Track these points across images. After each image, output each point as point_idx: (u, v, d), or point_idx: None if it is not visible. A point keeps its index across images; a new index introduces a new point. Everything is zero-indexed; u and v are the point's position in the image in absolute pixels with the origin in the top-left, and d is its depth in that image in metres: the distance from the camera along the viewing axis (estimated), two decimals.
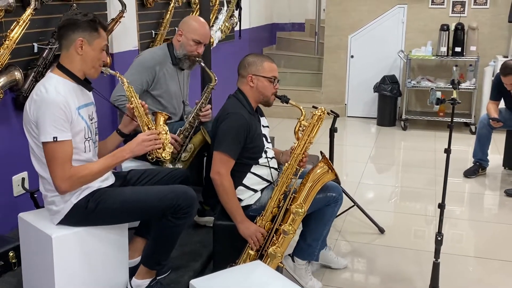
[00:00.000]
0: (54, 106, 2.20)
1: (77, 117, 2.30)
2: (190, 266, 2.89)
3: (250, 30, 7.06)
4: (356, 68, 7.00)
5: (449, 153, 2.71)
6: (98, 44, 2.35)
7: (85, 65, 2.35)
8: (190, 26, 3.25)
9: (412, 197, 4.44)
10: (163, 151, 2.48)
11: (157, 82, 3.21)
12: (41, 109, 2.21)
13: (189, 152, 3.20)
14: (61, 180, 2.24)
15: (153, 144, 2.42)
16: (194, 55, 3.25)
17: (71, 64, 2.34)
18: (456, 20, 6.34)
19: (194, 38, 3.21)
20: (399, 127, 6.59)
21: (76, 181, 2.27)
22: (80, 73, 2.36)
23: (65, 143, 2.23)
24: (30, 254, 2.48)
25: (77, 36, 2.30)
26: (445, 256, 3.22)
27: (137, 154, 2.43)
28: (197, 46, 3.24)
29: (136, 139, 2.41)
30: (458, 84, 2.75)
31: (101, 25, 2.37)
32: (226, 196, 2.65)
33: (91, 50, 2.34)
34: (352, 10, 6.87)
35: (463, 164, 4.95)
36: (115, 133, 2.66)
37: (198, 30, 3.24)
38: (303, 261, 2.90)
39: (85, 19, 2.31)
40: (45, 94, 2.22)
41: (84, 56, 2.33)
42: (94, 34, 2.33)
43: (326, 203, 2.79)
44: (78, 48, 2.31)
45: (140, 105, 2.53)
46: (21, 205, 2.99)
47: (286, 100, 2.80)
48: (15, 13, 2.84)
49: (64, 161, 2.23)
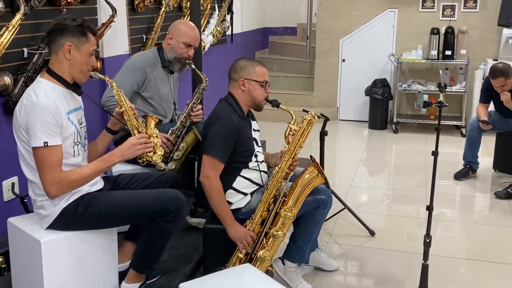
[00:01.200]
0: (44, 111, 2.21)
1: (67, 121, 2.31)
2: (180, 269, 2.89)
3: (242, 34, 7.08)
4: (347, 72, 7.04)
5: (437, 156, 2.73)
6: (86, 49, 2.35)
7: (73, 69, 2.36)
8: (181, 29, 3.28)
9: (404, 199, 4.46)
10: (153, 154, 2.48)
11: (147, 84, 3.23)
12: (31, 114, 2.21)
13: (182, 151, 3.22)
14: (51, 184, 2.24)
15: (144, 147, 2.42)
16: (184, 57, 3.29)
17: (60, 68, 2.34)
18: (446, 23, 6.38)
19: (185, 41, 3.26)
20: (390, 130, 6.62)
21: (66, 185, 2.28)
22: (69, 78, 2.37)
23: (55, 148, 2.24)
24: (19, 259, 2.47)
25: (65, 40, 2.31)
26: (436, 258, 3.24)
27: (127, 158, 2.43)
28: (187, 49, 3.28)
29: (126, 143, 2.41)
30: (445, 88, 2.77)
31: (89, 30, 2.37)
32: (216, 200, 2.65)
33: (79, 55, 2.34)
34: (343, 14, 6.91)
35: (454, 167, 4.98)
36: (104, 132, 2.65)
37: (188, 33, 3.28)
38: (293, 264, 2.90)
39: (74, 24, 2.32)
40: (35, 99, 2.22)
41: (72, 60, 2.33)
42: (83, 39, 2.34)
43: (315, 206, 2.80)
44: (66, 52, 2.31)
45: (129, 109, 2.52)
46: (11, 210, 2.98)
47: (277, 104, 2.81)
48: (4, 18, 2.84)
49: (54, 166, 2.24)
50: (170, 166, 3.17)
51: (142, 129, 2.52)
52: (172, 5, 4.68)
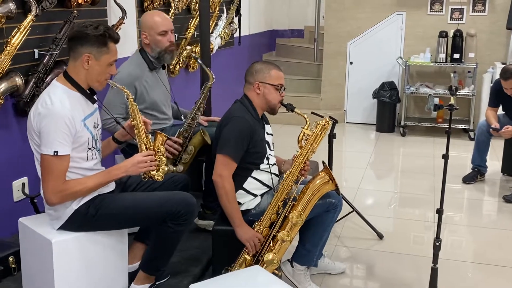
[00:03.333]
0: (58, 120, 2.20)
1: (82, 128, 2.30)
2: (189, 271, 2.89)
3: (250, 36, 7.09)
4: (355, 74, 7.03)
5: (447, 159, 2.72)
6: (105, 60, 2.33)
7: (90, 78, 2.35)
8: (149, 23, 3.18)
9: (411, 203, 4.45)
10: (156, 172, 2.45)
11: (140, 97, 3.12)
12: (45, 121, 2.20)
13: (189, 154, 3.20)
14: (52, 193, 2.24)
15: (148, 166, 2.39)
16: (168, 45, 3.20)
17: (77, 75, 2.33)
18: (454, 26, 6.37)
19: (159, 32, 3.16)
20: (398, 133, 6.60)
21: (68, 195, 2.28)
22: (85, 85, 2.36)
23: (64, 158, 2.24)
24: (30, 259, 2.49)
25: (84, 50, 2.28)
26: (444, 262, 3.24)
27: (131, 174, 2.42)
28: (165, 37, 3.18)
29: (132, 160, 2.38)
30: (456, 91, 2.77)
31: (111, 39, 2.34)
32: (226, 199, 2.66)
33: (98, 65, 2.32)
34: (351, 17, 6.90)
35: (462, 170, 4.96)
36: (110, 140, 2.65)
37: (157, 22, 3.17)
38: (302, 267, 2.90)
39: (95, 33, 2.28)
40: (50, 106, 2.21)
41: (90, 70, 2.32)
42: (103, 49, 2.31)
43: (325, 209, 2.80)
44: (85, 62, 2.30)
45: (141, 124, 2.47)
46: (21, 210, 2.99)
47: (292, 108, 2.82)
48: (16, 20, 2.86)
49: (59, 175, 2.24)
50: (179, 169, 3.17)
51: (150, 145, 2.48)
52: (181, 7, 4.69)
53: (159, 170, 2.45)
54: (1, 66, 2.76)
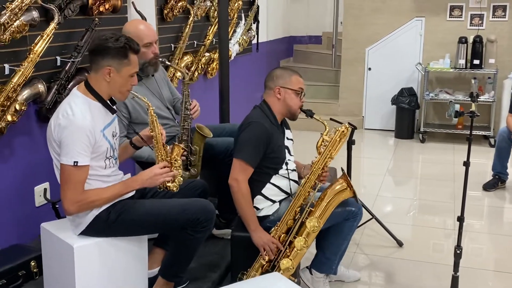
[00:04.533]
0: (79, 131, 2.22)
1: (101, 138, 2.32)
2: (208, 277, 2.90)
3: (268, 43, 7.11)
4: (373, 80, 7.00)
5: (468, 166, 2.70)
6: (127, 72, 2.34)
7: (112, 90, 2.37)
8: (131, 34, 2.92)
9: (431, 210, 4.41)
10: (172, 183, 2.48)
11: (134, 112, 3.05)
12: (66, 132, 2.22)
13: (197, 154, 3.18)
14: (71, 203, 2.27)
15: (164, 177, 2.42)
16: (151, 58, 3.11)
17: (99, 86, 2.35)
18: (474, 32, 6.31)
19: (143, 44, 3.02)
20: (417, 139, 6.55)
21: (85, 205, 2.31)
22: (106, 95, 2.38)
23: (83, 169, 2.26)
24: (52, 263, 2.52)
25: (106, 63, 2.29)
26: (464, 270, 3.19)
27: (147, 186, 2.45)
28: (150, 48, 3.09)
29: (149, 172, 2.41)
30: (477, 97, 2.74)
31: (132, 51, 2.33)
32: (242, 203, 2.66)
33: (119, 77, 2.33)
34: (369, 23, 6.88)
35: (482, 177, 4.91)
36: (128, 145, 2.66)
37: (141, 34, 3.05)
38: (321, 274, 2.89)
39: (116, 46, 2.28)
40: (72, 117, 2.23)
41: (111, 82, 2.34)
42: (124, 62, 2.32)
43: (345, 218, 2.79)
44: (106, 75, 2.31)
45: (160, 135, 2.48)
46: (43, 215, 3.03)
47: (311, 114, 2.81)
48: (39, 28, 2.90)
49: (77, 186, 2.27)
50: (193, 172, 3.16)
51: (167, 156, 2.50)
52: (200, 15, 4.72)
53: (175, 181, 2.48)
54: (24, 73, 2.80)
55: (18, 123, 2.85)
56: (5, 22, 2.66)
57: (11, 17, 2.69)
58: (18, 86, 2.78)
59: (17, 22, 2.73)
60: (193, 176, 3.13)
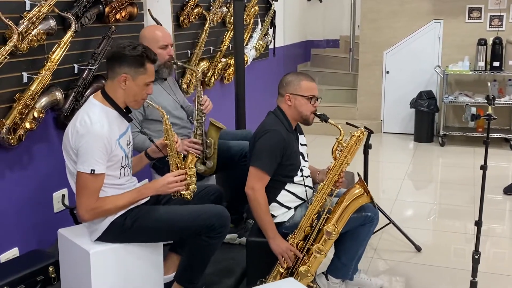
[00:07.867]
0: (97, 140, 2.25)
1: (117, 147, 2.35)
2: (224, 282, 2.90)
3: (285, 47, 7.11)
4: (392, 83, 6.95)
5: (485, 170, 2.66)
6: (142, 80, 2.37)
7: (127, 98, 2.40)
8: (147, 38, 3.15)
9: (451, 214, 4.34)
10: (185, 190, 2.50)
11: (148, 109, 3.09)
12: (83, 140, 2.25)
13: (212, 147, 3.19)
14: (86, 210, 2.29)
15: (178, 186, 2.45)
16: (167, 59, 3.19)
17: (115, 94, 2.38)
18: (494, 34, 6.22)
19: (159, 46, 3.13)
20: (436, 143, 6.47)
21: (100, 213, 2.33)
22: (122, 103, 2.41)
23: (99, 177, 2.29)
24: (69, 269, 2.55)
25: (122, 70, 2.33)
26: (485, 275, 3.14)
27: (160, 193, 2.48)
28: (165, 51, 3.17)
29: (163, 180, 2.43)
30: (493, 100, 2.70)
31: (149, 60, 2.36)
32: (259, 212, 2.66)
33: (135, 85, 2.36)
34: (387, 26, 6.84)
35: (503, 181, 4.82)
36: (143, 156, 2.69)
37: (156, 37, 3.16)
38: (337, 280, 2.87)
39: (132, 54, 2.32)
40: (90, 126, 2.26)
41: (127, 90, 2.37)
42: (140, 70, 2.34)
43: (361, 223, 2.76)
44: (122, 82, 2.34)
45: (174, 143, 2.51)
46: (61, 221, 3.06)
47: (326, 119, 2.77)
48: (56, 36, 2.94)
49: (93, 193, 2.29)
50: (209, 165, 3.17)
51: (182, 165, 2.52)
52: (216, 21, 4.74)
53: (189, 188, 2.49)
54: (42, 81, 2.84)
55: (37, 130, 2.90)
56: (23, 31, 2.71)
57: (28, 26, 2.74)
58: (36, 94, 2.83)
59: (35, 31, 2.77)
60: (209, 169, 3.16)
